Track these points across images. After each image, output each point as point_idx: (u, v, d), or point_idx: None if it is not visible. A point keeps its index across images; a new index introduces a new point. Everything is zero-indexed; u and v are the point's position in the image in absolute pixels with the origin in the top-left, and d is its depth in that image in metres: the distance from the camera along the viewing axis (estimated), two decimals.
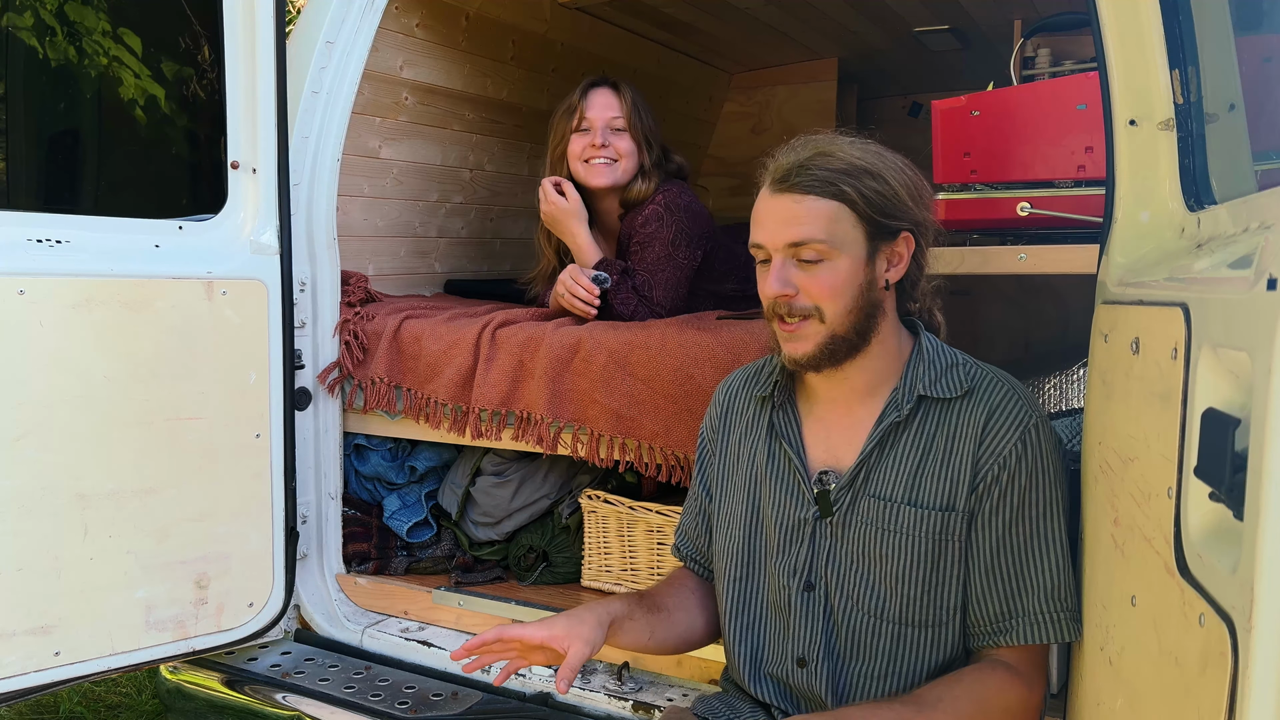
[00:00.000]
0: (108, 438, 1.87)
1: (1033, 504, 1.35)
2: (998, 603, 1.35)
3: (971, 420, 1.37)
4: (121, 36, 2.06)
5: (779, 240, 1.36)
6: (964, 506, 1.36)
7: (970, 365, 1.43)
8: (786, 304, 1.36)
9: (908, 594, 1.38)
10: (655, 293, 2.32)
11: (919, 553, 1.37)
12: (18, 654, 1.79)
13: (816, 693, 1.43)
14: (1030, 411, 1.37)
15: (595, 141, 2.36)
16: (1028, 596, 1.34)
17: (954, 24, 3.28)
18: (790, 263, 1.36)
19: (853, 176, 1.35)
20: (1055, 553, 1.34)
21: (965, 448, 1.37)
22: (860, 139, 1.41)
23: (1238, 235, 0.99)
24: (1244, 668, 0.73)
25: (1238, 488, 0.76)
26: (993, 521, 1.35)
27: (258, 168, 2.08)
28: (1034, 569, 1.34)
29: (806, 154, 1.37)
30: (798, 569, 1.44)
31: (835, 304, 1.36)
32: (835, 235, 1.35)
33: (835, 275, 1.35)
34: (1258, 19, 1.37)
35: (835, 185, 1.34)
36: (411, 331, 2.33)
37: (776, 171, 1.38)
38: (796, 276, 1.36)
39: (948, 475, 1.37)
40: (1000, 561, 1.35)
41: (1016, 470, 1.34)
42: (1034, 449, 1.35)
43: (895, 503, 1.38)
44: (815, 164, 1.36)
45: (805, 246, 1.35)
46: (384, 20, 2.43)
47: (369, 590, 2.38)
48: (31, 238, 1.81)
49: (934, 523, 1.36)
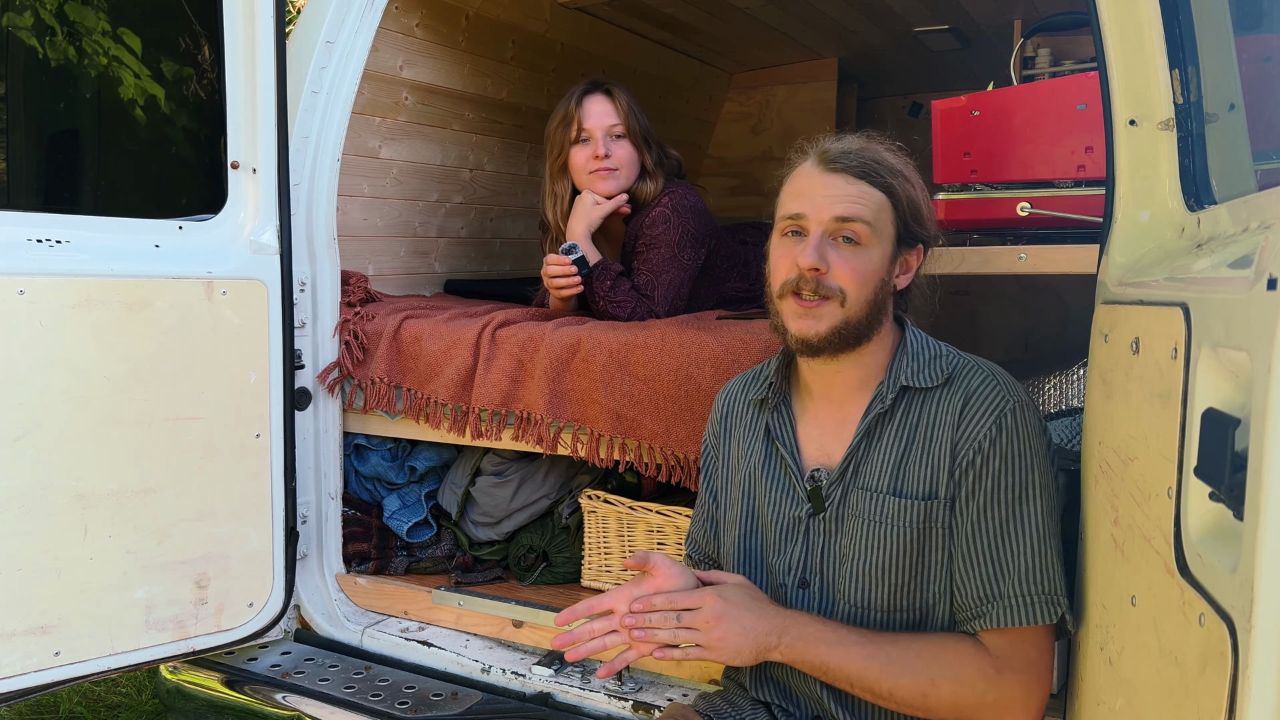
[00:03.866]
0: (107, 438, 1.87)
1: (1008, 488, 1.34)
2: (976, 587, 1.35)
3: (950, 407, 1.39)
4: (121, 36, 2.06)
5: (826, 213, 1.37)
6: (945, 493, 1.37)
7: (953, 355, 1.45)
8: (815, 279, 1.36)
9: (895, 582, 1.39)
10: (657, 293, 2.33)
11: (904, 542, 1.38)
12: (18, 654, 1.79)
13: (814, 689, 1.44)
14: (1006, 396, 1.37)
15: (598, 153, 2.36)
16: (1004, 580, 1.34)
17: (954, 24, 3.29)
18: (828, 240, 1.37)
19: (899, 177, 1.40)
20: (1032, 536, 1.34)
21: (944, 434, 1.38)
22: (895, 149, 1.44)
23: (1238, 235, 0.99)
24: (1244, 667, 0.73)
25: (1238, 488, 0.76)
26: (969, 506, 1.36)
27: (258, 168, 2.08)
28: (1009, 552, 1.34)
29: (857, 145, 1.41)
30: (793, 566, 1.46)
31: (860, 291, 1.37)
32: (878, 224, 1.38)
33: (868, 262, 1.38)
34: (1258, 19, 1.37)
35: (885, 179, 1.39)
36: (411, 331, 2.33)
37: (826, 154, 1.41)
38: (831, 254, 1.37)
39: (929, 463, 1.38)
40: (976, 545, 1.35)
41: (991, 453, 1.34)
42: (1009, 432, 1.34)
43: (880, 493, 1.40)
44: (867, 155, 1.40)
45: (851, 224, 1.37)
46: (384, 20, 2.43)
47: (369, 590, 2.38)
48: (31, 238, 1.81)
49: (918, 511, 1.37)
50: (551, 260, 2.30)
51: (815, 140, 1.45)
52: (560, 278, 2.29)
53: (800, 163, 1.45)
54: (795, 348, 1.42)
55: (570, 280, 2.29)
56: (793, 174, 1.45)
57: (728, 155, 4.31)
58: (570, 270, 2.28)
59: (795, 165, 1.45)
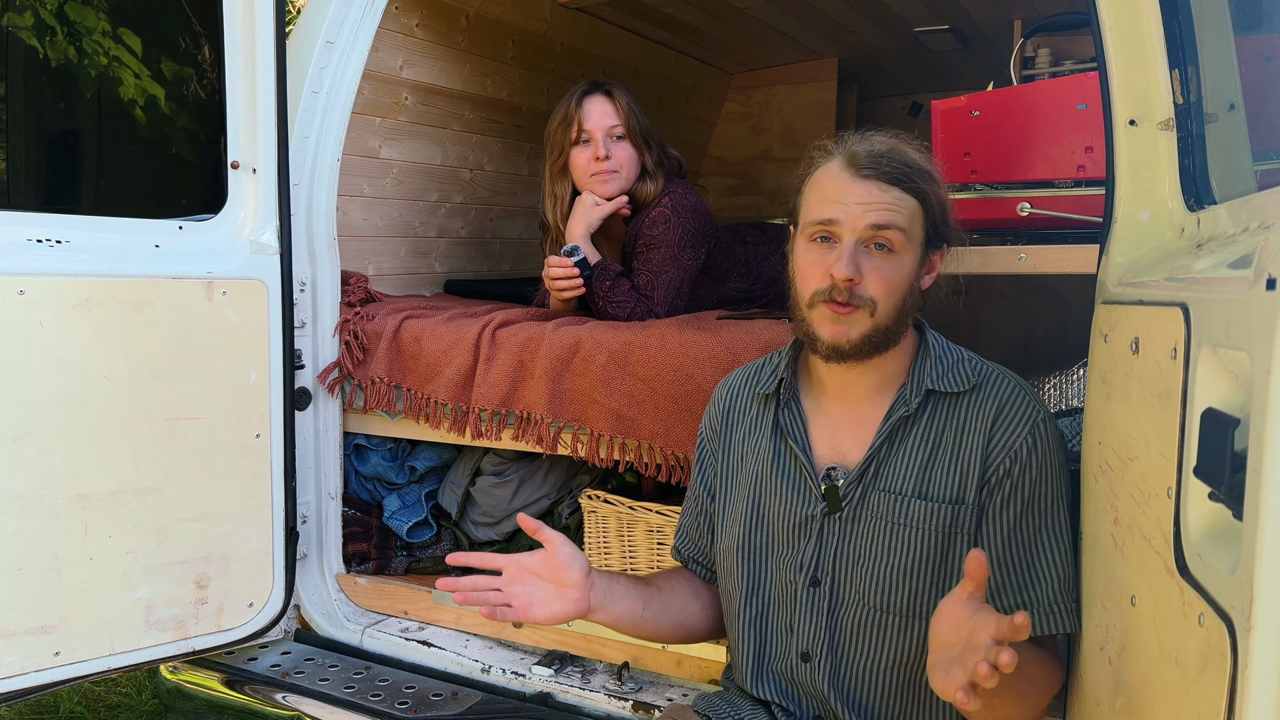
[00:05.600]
0: (108, 438, 1.87)
1: (1042, 497, 1.36)
2: (1010, 595, 1.36)
3: (981, 414, 1.38)
4: (121, 36, 2.06)
5: (860, 222, 1.34)
6: (974, 499, 1.37)
7: (976, 361, 1.45)
8: (849, 289, 1.34)
9: (915, 586, 1.38)
10: (657, 293, 2.33)
11: (928, 545, 1.37)
12: (18, 654, 1.79)
13: (819, 688, 1.43)
14: (1038, 407, 1.39)
15: (599, 154, 2.36)
16: (1040, 587, 1.35)
17: (954, 24, 3.29)
18: (862, 248, 1.35)
19: (930, 180, 1.38)
20: (1064, 544, 1.36)
21: (975, 441, 1.38)
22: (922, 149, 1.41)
23: (1237, 235, 0.99)
24: (1243, 667, 0.73)
25: (1237, 488, 0.76)
26: (1003, 514, 1.36)
27: (258, 168, 2.08)
28: (1045, 560, 1.35)
29: (885, 147, 1.37)
30: (804, 565, 1.45)
31: (891, 300, 1.36)
32: (911, 231, 1.37)
33: (900, 270, 1.36)
34: (1258, 19, 1.37)
35: (917, 184, 1.36)
36: (411, 331, 2.33)
37: (855, 157, 1.37)
38: (864, 264, 1.35)
39: (957, 468, 1.38)
40: (1011, 553, 1.36)
41: (1028, 463, 1.35)
42: (1043, 443, 1.36)
43: (905, 496, 1.39)
44: (898, 158, 1.36)
45: (886, 232, 1.34)
46: (384, 20, 2.43)
47: (369, 590, 2.38)
48: (31, 238, 1.81)
49: (944, 515, 1.37)
50: (553, 262, 2.31)
51: (841, 140, 1.41)
52: (562, 279, 2.30)
53: (824, 162, 1.40)
54: (825, 354, 1.40)
55: (572, 282, 2.29)
56: (817, 175, 1.41)
57: (728, 155, 4.32)
58: (572, 272, 2.29)
59: (819, 164, 1.41)
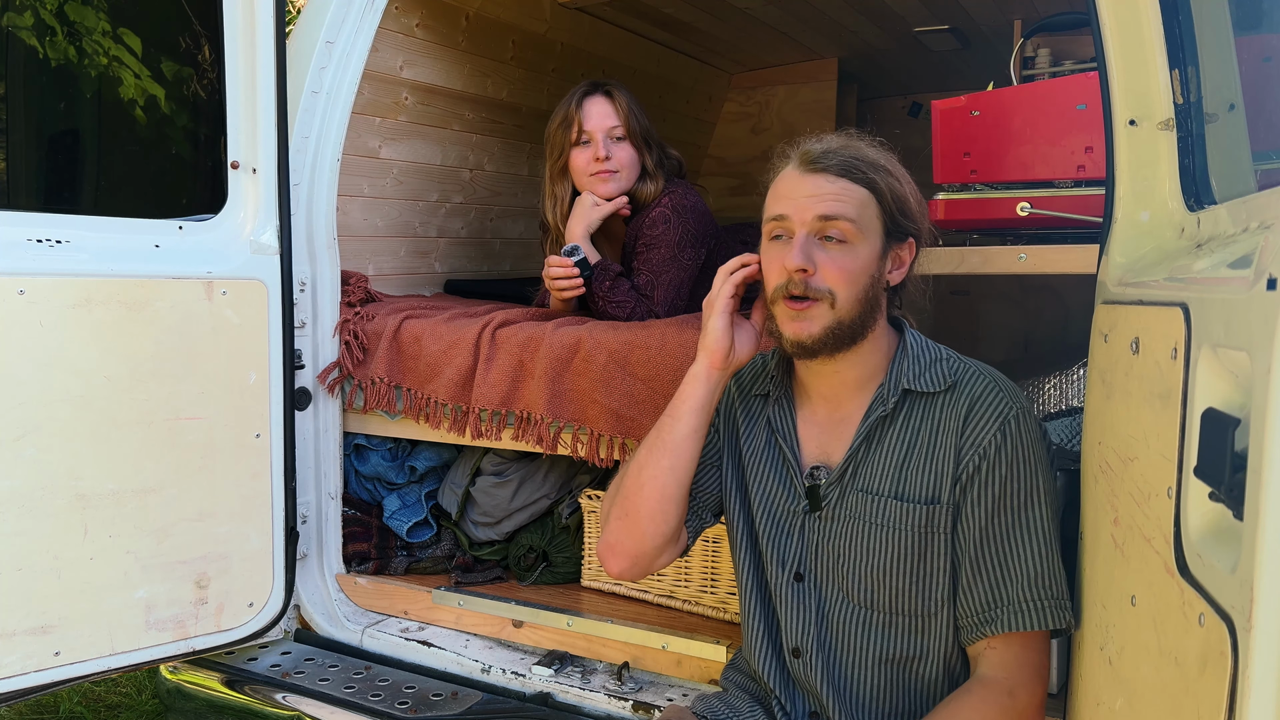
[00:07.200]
0: (108, 438, 1.87)
1: (1013, 493, 1.35)
2: (983, 593, 1.36)
3: (954, 413, 1.39)
4: (121, 36, 2.06)
5: (808, 213, 1.37)
6: (948, 499, 1.37)
7: (954, 360, 1.45)
8: (803, 281, 1.36)
9: (896, 585, 1.39)
10: (657, 293, 2.33)
11: (905, 545, 1.38)
12: (18, 654, 1.79)
13: (813, 684, 1.44)
14: (1010, 403, 1.38)
15: (599, 154, 2.36)
16: (1012, 585, 1.34)
17: (954, 24, 3.29)
18: (813, 240, 1.37)
19: (881, 172, 1.39)
20: (1037, 541, 1.35)
21: (948, 440, 1.38)
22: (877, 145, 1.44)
23: (1237, 235, 0.99)
24: (1243, 667, 0.73)
25: (1237, 488, 0.76)
26: (976, 512, 1.36)
27: (258, 168, 2.07)
28: (1016, 558, 1.35)
29: (837, 144, 1.41)
30: (787, 560, 1.47)
31: (849, 290, 1.37)
32: (863, 220, 1.38)
33: (855, 260, 1.37)
34: (1258, 19, 1.37)
35: (867, 175, 1.38)
36: (411, 331, 2.33)
37: (807, 155, 1.40)
38: (818, 255, 1.36)
39: (932, 468, 1.38)
40: (984, 551, 1.36)
41: (996, 460, 1.35)
42: (1013, 439, 1.35)
43: (882, 496, 1.40)
44: (848, 153, 1.39)
45: (835, 222, 1.36)
46: (384, 20, 2.43)
47: (369, 590, 2.38)
48: (31, 238, 1.81)
49: (919, 516, 1.37)
50: (554, 262, 2.31)
51: (797, 143, 1.45)
52: (562, 279, 2.30)
53: (783, 166, 1.44)
54: (791, 351, 1.42)
55: (572, 282, 2.29)
56: (776, 178, 1.45)
57: (728, 155, 4.31)
58: (572, 272, 2.29)
59: (779, 169, 1.45)
